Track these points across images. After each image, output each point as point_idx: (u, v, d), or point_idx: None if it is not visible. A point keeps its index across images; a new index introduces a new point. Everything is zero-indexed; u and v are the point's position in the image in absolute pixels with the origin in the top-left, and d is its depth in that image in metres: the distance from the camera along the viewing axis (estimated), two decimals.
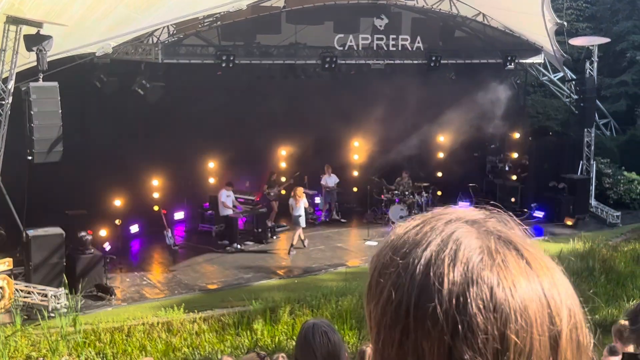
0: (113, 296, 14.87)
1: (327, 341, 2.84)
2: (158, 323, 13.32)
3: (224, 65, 17.20)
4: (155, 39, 17.80)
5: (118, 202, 17.32)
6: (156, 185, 19.23)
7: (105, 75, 17.62)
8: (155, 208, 19.15)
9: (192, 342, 12.75)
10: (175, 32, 18.12)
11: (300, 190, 18.73)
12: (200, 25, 18.47)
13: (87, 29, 15.13)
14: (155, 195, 19.26)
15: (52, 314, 13.48)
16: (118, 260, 16.97)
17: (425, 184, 22.27)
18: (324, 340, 2.84)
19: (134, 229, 19.13)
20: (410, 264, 1.00)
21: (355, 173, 23.48)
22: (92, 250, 15.61)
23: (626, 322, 5.95)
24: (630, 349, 5.95)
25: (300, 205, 18.46)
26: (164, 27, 17.64)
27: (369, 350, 5.35)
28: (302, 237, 18.85)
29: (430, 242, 1.01)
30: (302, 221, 18.55)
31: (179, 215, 20.59)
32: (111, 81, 17.81)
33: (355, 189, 23.27)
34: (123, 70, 18.01)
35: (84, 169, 17.49)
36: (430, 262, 0.99)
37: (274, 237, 19.91)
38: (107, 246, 17.13)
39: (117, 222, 17.30)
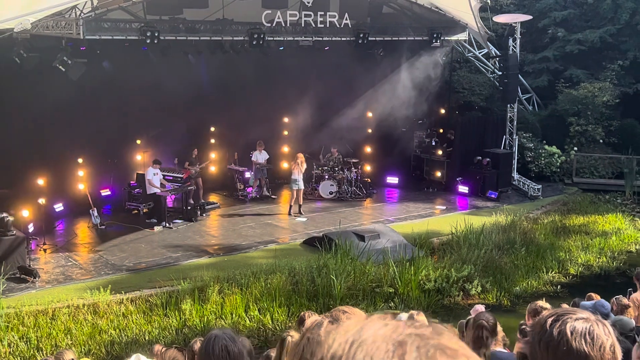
0: (37, 278, 14.53)
1: (227, 354, 2.89)
2: (84, 305, 13.14)
3: (148, 41, 16.90)
4: (77, 13, 17.26)
5: (41, 181, 16.85)
6: (81, 163, 18.82)
7: (25, 51, 17.01)
8: (81, 186, 18.78)
9: (119, 324, 12.66)
10: (98, 6, 17.62)
11: (298, 156, 19.85)
12: None
13: (4, 4, 14.59)
14: (80, 173, 18.88)
15: None
16: (42, 241, 16.61)
17: (354, 160, 22.53)
18: (223, 354, 2.89)
19: (59, 208, 18.73)
20: None
21: (286, 149, 23.53)
22: (15, 231, 15.21)
23: (543, 304, 6.24)
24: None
25: (294, 170, 19.62)
26: (86, 1, 17.13)
27: (272, 353, 5.12)
28: (291, 203, 19.97)
29: None
30: (295, 184, 19.64)
31: (105, 193, 20.21)
32: (32, 57, 17.22)
33: (285, 165, 23.33)
34: (44, 45, 17.44)
35: (5, 147, 16.97)
36: None
37: (204, 215, 19.81)
38: (30, 227, 16.71)
39: (40, 201, 16.83)
